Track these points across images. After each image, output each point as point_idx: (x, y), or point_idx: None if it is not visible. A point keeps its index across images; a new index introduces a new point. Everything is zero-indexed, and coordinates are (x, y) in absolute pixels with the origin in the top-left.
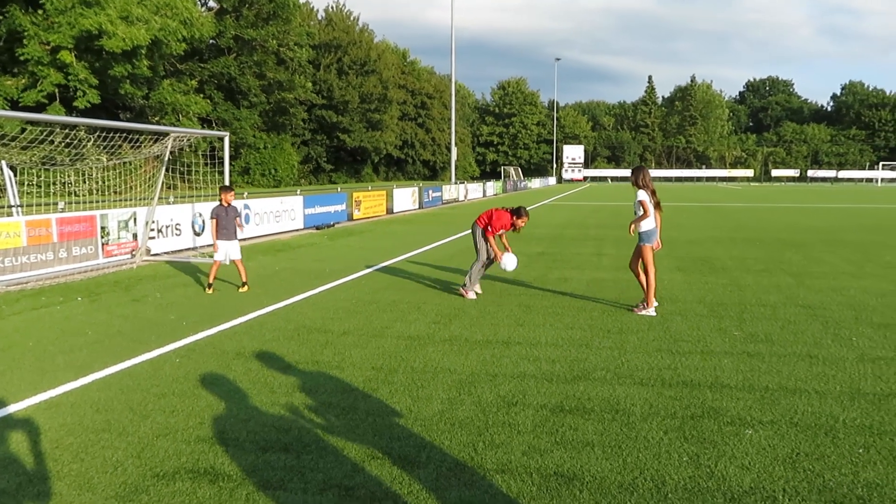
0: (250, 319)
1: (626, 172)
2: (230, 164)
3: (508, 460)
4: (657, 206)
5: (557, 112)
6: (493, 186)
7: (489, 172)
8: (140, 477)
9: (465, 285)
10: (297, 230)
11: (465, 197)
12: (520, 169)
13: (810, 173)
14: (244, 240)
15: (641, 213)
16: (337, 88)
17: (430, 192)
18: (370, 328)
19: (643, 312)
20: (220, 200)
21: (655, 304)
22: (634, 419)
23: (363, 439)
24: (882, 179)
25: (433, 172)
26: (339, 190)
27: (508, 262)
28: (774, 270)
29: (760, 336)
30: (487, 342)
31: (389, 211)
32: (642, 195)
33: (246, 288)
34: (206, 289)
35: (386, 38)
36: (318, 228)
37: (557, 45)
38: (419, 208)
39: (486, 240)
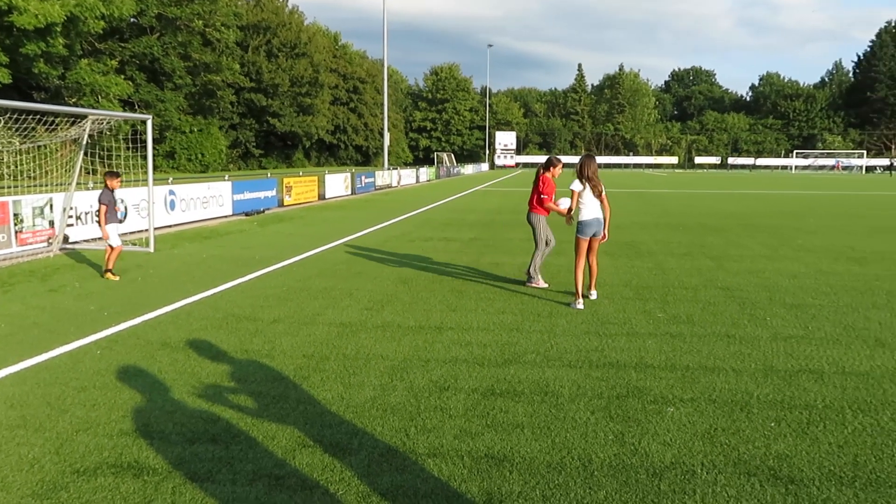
0: (176, 309)
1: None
2: (154, 148)
3: (440, 444)
4: (599, 196)
5: (490, 98)
6: (426, 172)
7: (422, 158)
8: (59, 474)
9: (531, 279)
10: (225, 216)
11: (399, 183)
12: (453, 155)
13: (731, 160)
14: (169, 227)
15: (565, 202)
16: (266, 71)
17: (363, 177)
18: (301, 316)
19: (578, 306)
20: (107, 185)
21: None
22: (563, 400)
23: (294, 428)
24: (796, 167)
25: (366, 158)
26: (269, 175)
27: (564, 203)
28: (696, 254)
29: (682, 317)
30: (420, 328)
31: (321, 197)
32: (576, 185)
33: (111, 276)
34: (106, 275)
35: (317, 21)
36: (247, 215)
37: (490, 31)
38: (352, 194)
39: (545, 210)
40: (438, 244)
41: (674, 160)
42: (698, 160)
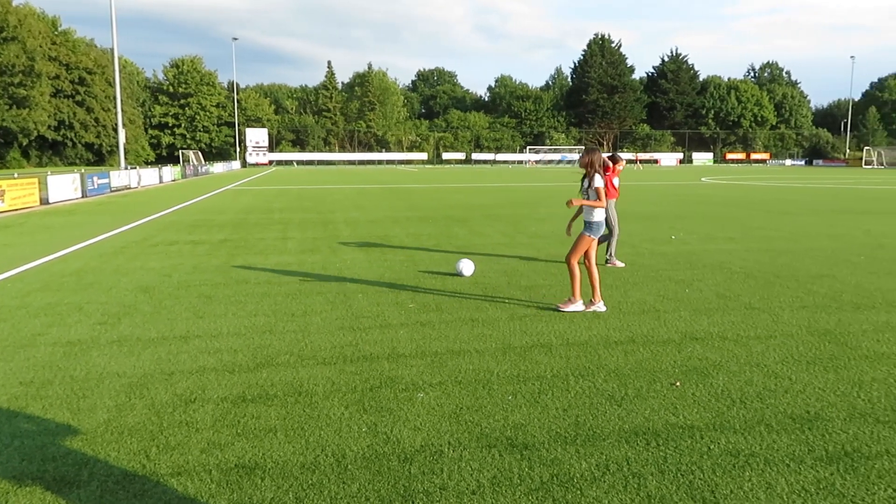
0: None
1: (312, 156)
2: None
3: (185, 461)
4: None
5: (238, 94)
6: (170, 172)
7: (166, 156)
8: None
9: (609, 259)
10: None
11: (139, 183)
12: (200, 153)
13: (474, 156)
14: None
15: (595, 199)
16: None
17: (96, 178)
18: (17, 338)
19: (570, 308)
20: None
21: (601, 308)
22: (317, 399)
23: (6, 468)
24: (528, 161)
25: (99, 157)
26: None
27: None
28: (444, 244)
29: (432, 306)
30: (163, 339)
31: (44, 201)
32: (599, 181)
33: None
34: None
35: (29, 2)
36: None
37: (235, 23)
38: (83, 197)
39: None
40: (185, 248)
41: (423, 156)
42: (446, 156)
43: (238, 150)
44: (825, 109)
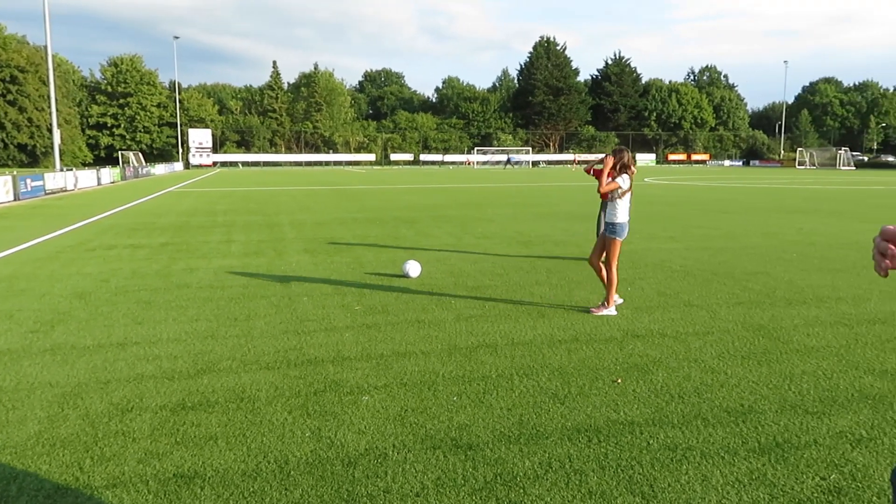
0: None
1: (257, 157)
2: None
3: (121, 472)
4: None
5: (180, 94)
6: (109, 173)
7: (105, 158)
8: None
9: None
10: None
11: (76, 185)
12: (140, 154)
13: (422, 157)
14: None
15: (619, 193)
16: None
17: (29, 180)
18: None
19: (603, 312)
20: None
21: (619, 301)
22: (260, 404)
23: None
24: (477, 162)
25: (33, 159)
26: None
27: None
28: (391, 246)
29: (378, 308)
30: (99, 346)
31: None
32: (624, 181)
33: None
34: None
35: None
36: None
37: (176, 22)
38: (15, 200)
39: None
40: (124, 252)
41: (371, 157)
42: (394, 157)
43: (181, 151)
44: (761, 112)
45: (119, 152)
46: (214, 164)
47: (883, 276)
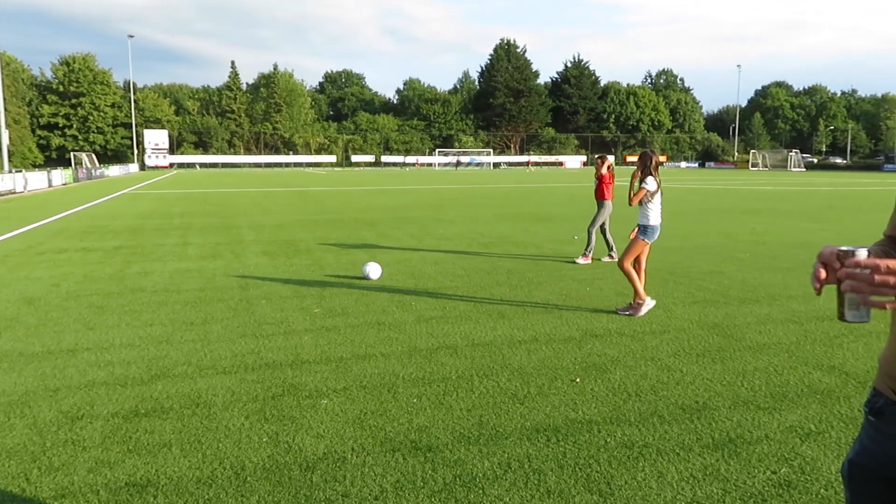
0: None
1: (215, 159)
2: None
3: (70, 482)
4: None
5: (135, 94)
6: (61, 175)
7: (56, 159)
8: None
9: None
10: None
11: (25, 187)
12: (94, 155)
13: (384, 159)
14: None
15: (648, 198)
16: None
17: None
18: None
19: (644, 310)
20: None
21: (649, 304)
22: (216, 410)
23: None
24: (439, 164)
25: None
26: None
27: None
28: (351, 248)
29: (338, 310)
30: (48, 353)
31: None
32: (651, 184)
33: None
34: None
35: None
36: None
37: (130, 20)
38: None
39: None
40: (76, 255)
41: (332, 158)
42: (355, 158)
43: (136, 152)
44: (716, 115)
45: (71, 153)
46: (171, 165)
47: (816, 294)
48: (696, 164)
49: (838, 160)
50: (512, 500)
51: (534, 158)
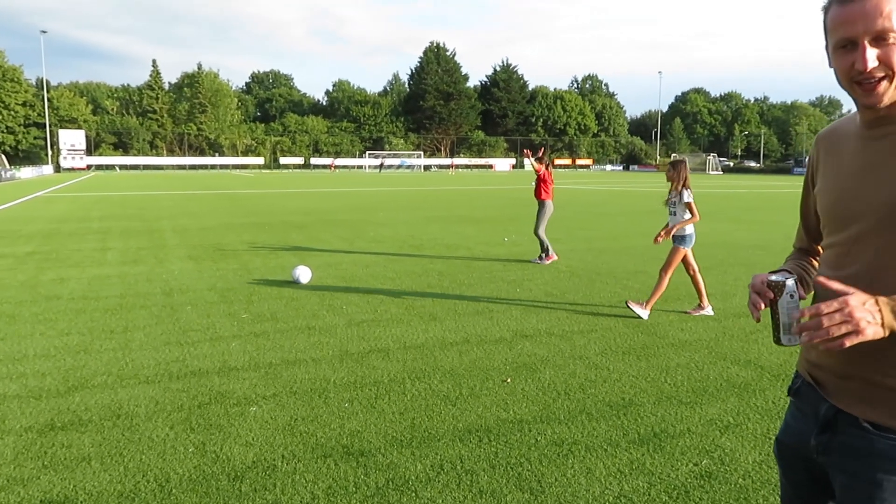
0: None
1: (136, 160)
2: None
3: None
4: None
5: (49, 92)
6: None
7: None
8: None
9: (548, 252)
10: None
11: None
12: (3, 156)
13: (313, 161)
14: None
15: (688, 217)
16: None
17: None
18: None
19: (701, 313)
20: None
21: (642, 311)
22: (138, 420)
23: None
24: (369, 166)
25: None
26: None
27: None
28: (281, 252)
29: (267, 315)
30: None
31: None
32: (689, 197)
33: None
34: None
35: None
36: None
37: (43, 14)
38: None
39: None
40: None
41: (260, 160)
42: (283, 160)
43: (50, 153)
44: (639, 119)
45: None
46: (89, 167)
47: (756, 321)
48: (621, 167)
49: (752, 164)
50: (445, 502)
51: (457, 161)
